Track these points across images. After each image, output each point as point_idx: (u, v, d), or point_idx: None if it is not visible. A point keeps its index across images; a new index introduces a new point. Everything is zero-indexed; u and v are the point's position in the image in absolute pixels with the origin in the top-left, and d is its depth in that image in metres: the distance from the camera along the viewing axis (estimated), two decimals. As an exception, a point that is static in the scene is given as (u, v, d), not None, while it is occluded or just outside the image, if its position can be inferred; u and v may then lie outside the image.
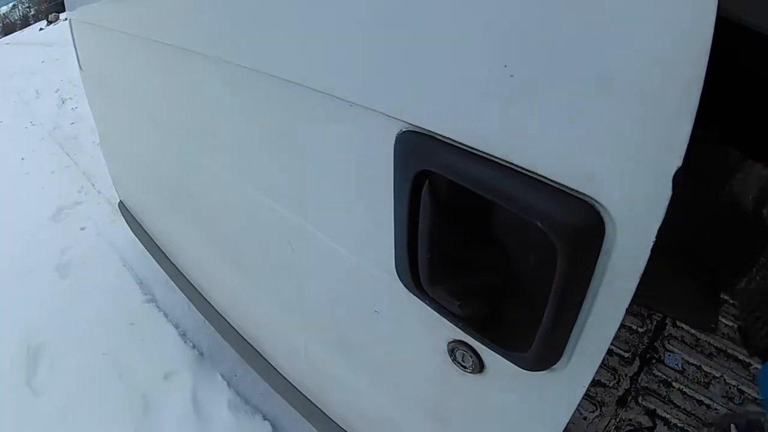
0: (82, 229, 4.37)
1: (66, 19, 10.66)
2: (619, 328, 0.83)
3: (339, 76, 1.02)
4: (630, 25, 0.62)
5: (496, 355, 1.00)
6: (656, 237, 0.70)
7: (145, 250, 3.16)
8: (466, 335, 1.05)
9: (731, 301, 2.53)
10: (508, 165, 0.78)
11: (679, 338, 2.38)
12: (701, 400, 2.20)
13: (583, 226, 0.74)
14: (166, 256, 2.83)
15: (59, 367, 3.22)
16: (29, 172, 5.63)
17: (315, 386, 1.98)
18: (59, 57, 8.87)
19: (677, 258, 2.52)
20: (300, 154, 1.25)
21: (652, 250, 0.72)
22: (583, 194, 0.73)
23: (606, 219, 0.73)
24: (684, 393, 2.21)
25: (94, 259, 4.00)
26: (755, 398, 2.22)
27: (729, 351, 2.35)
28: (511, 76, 0.73)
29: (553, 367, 0.92)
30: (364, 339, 1.48)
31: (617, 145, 0.68)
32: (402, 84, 0.90)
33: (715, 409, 2.18)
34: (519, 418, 1.10)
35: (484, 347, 1.03)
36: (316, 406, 1.98)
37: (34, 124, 7.30)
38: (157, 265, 3.08)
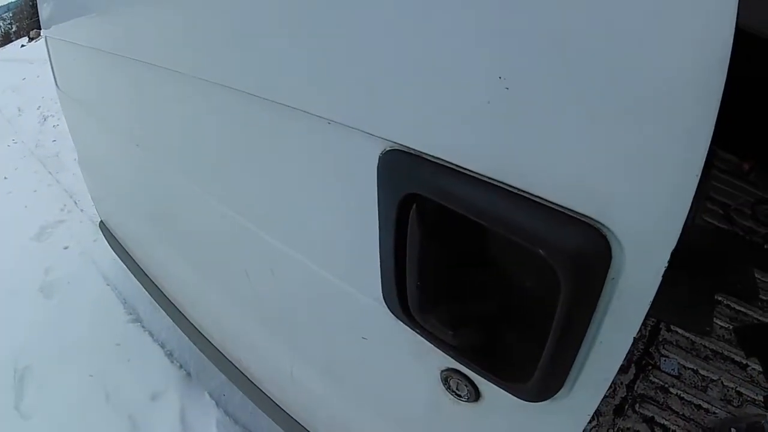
0: (66, 248, 4.32)
1: (47, 36, 10.67)
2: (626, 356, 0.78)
3: (316, 93, 0.95)
4: (643, 42, 0.56)
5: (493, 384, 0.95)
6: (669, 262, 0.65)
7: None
8: (460, 364, 1.01)
9: (725, 302, 2.51)
10: (504, 187, 0.72)
11: (674, 342, 2.35)
12: (699, 405, 2.16)
13: (587, 252, 0.68)
14: (148, 277, 2.78)
15: (47, 390, 3.16)
16: (12, 191, 5.58)
17: (302, 409, 1.94)
18: (40, 74, 8.83)
19: (670, 261, 2.49)
20: (279, 176, 1.20)
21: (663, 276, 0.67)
22: (588, 217, 0.67)
23: (613, 243, 0.67)
24: (682, 398, 2.17)
25: (78, 278, 3.95)
26: (754, 400, 2.19)
27: (725, 353, 2.32)
28: (507, 89, 0.66)
29: (555, 396, 0.88)
30: (352, 366, 1.43)
31: (627, 164, 0.62)
32: (385, 99, 0.82)
33: (714, 412, 2.14)
34: (519, 449, 1.05)
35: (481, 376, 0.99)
36: (305, 429, 1.93)
37: (16, 142, 7.26)
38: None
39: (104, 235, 3.25)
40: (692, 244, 2.71)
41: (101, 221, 3.28)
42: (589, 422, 2.03)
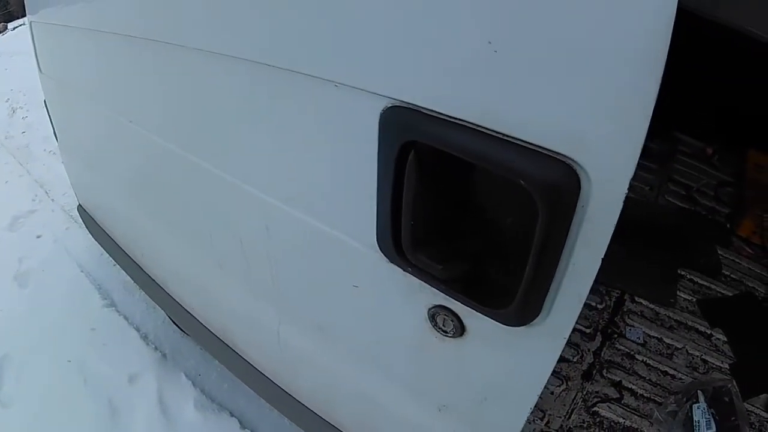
0: (38, 237, 4.28)
1: (14, 28, 10.42)
2: (595, 280, 0.87)
3: (325, 58, 1.04)
4: (603, 10, 0.68)
5: (477, 316, 1.04)
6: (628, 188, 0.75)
7: (103, 255, 3.13)
8: (446, 300, 1.09)
9: (689, 277, 2.60)
10: (492, 132, 0.83)
11: (639, 313, 2.43)
12: (665, 371, 2.25)
13: (560, 183, 0.79)
14: (129, 256, 2.80)
15: (25, 378, 3.15)
16: (-18, 184, 5.51)
17: (287, 373, 2.00)
18: (8, 67, 8.66)
19: (633, 238, 2.58)
20: (281, 137, 1.27)
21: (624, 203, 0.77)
22: (561, 154, 0.78)
23: (581, 176, 0.79)
24: (648, 364, 2.26)
25: (52, 266, 3.92)
26: (720, 367, 2.27)
27: (689, 324, 2.41)
28: (495, 51, 0.77)
29: (534, 322, 0.96)
30: (342, 316, 1.50)
31: (592, 110, 0.74)
32: (388, 63, 0.93)
33: (681, 378, 2.23)
34: (501, 378, 1.13)
35: (465, 310, 1.07)
36: (288, 394, 1.99)
37: (-16, 135, 7.17)
38: (115, 269, 3.06)
39: (83, 219, 3.23)
40: (656, 222, 2.81)
41: (79, 205, 3.25)
42: (558, 385, 2.12)
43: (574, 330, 2.31)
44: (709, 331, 2.39)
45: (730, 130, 3.22)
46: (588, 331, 2.33)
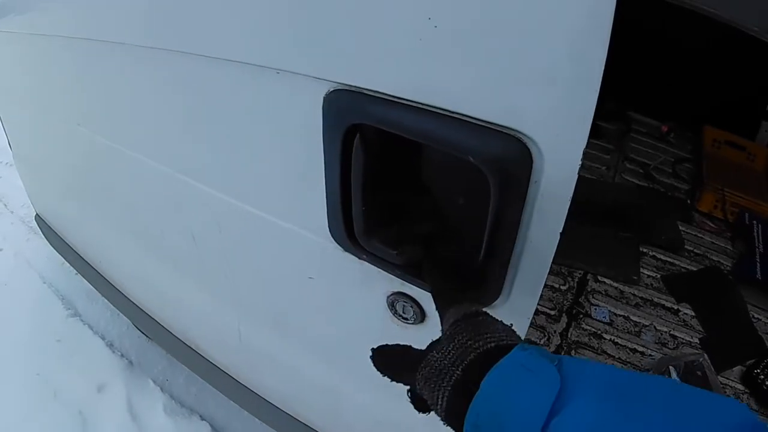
0: (-1, 250, 4.23)
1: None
2: (557, 261, 0.85)
3: (265, 44, 1.01)
4: None
5: (437, 301, 1.01)
6: (581, 160, 0.73)
7: (64, 265, 3.08)
8: (404, 285, 1.07)
9: (651, 253, 2.62)
10: (438, 110, 0.80)
11: (603, 292, 2.43)
12: (635, 348, 2.24)
13: (511, 158, 0.77)
14: (88, 264, 2.76)
15: (-6, 393, 3.10)
16: (-63, 200, 5.42)
17: (252, 372, 1.99)
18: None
19: (593, 218, 2.59)
20: (226, 129, 1.24)
21: (579, 173, 0.75)
22: (510, 129, 0.76)
23: (533, 150, 0.76)
24: (616, 343, 2.25)
25: (14, 279, 3.85)
26: (690, 342, 2.28)
27: (655, 300, 2.41)
28: (436, 27, 0.75)
29: (495, 303, 0.94)
30: (301, 309, 1.48)
31: (540, 83, 0.71)
32: (329, 47, 0.90)
33: (651, 355, 2.22)
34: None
35: (424, 295, 1.05)
36: (255, 393, 1.97)
37: (-63, 151, 7.03)
38: (77, 279, 3.01)
39: (41, 229, 3.19)
40: (615, 201, 2.82)
41: (37, 215, 3.21)
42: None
43: (539, 312, 2.31)
44: (675, 307, 2.40)
45: (685, 108, 3.25)
46: (553, 313, 2.32)
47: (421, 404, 0.72)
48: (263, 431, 2.34)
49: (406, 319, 1.12)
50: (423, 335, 1.13)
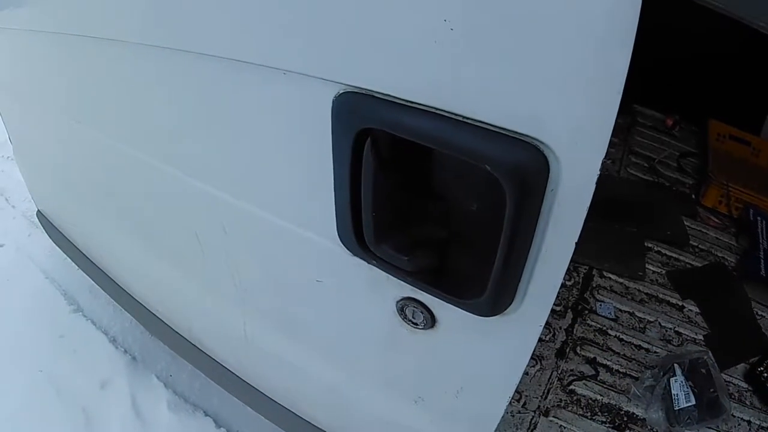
0: (1, 246, 4.21)
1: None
2: (569, 265, 0.84)
3: (271, 44, 0.99)
4: None
5: (448, 307, 1.00)
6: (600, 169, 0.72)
7: (66, 260, 3.07)
8: (415, 291, 1.06)
9: (656, 249, 2.61)
10: (453, 116, 0.78)
11: (608, 288, 2.43)
12: (639, 345, 2.25)
13: (528, 166, 0.75)
14: (91, 261, 2.75)
15: (-3, 390, 3.10)
16: (-62, 196, 5.40)
17: (258, 372, 1.98)
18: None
19: (598, 212, 2.58)
20: (233, 131, 1.22)
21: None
22: (527, 136, 0.74)
23: (550, 158, 0.75)
24: (621, 339, 2.25)
25: (16, 275, 3.83)
26: (694, 339, 2.28)
27: (660, 296, 2.42)
28: (452, 29, 0.72)
29: (507, 310, 0.93)
30: (308, 312, 1.47)
31: (558, 89, 0.70)
32: (338, 47, 0.88)
33: (655, 352, 2.23)
34: (477, 368, 1.11)
35: (435, 301, 1.04)
36: (261, 392, 1.96)
37: (-63, 145, 7.00)
38: (80, 274, 2.99)
39: (43, 225, 3.18)
40: (620, 195, 2.81)
41: (38, 211, 3.20)
42: (533, 366, 2.11)
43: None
44: (680, 303, 2.40)
45: (690, 101, 3.24)
46: (558, 308, 2.32)
47: None
48: (267, 427, 2.35)
49: (416, 324, 1.11)
50: (433, 340, 1.12)
